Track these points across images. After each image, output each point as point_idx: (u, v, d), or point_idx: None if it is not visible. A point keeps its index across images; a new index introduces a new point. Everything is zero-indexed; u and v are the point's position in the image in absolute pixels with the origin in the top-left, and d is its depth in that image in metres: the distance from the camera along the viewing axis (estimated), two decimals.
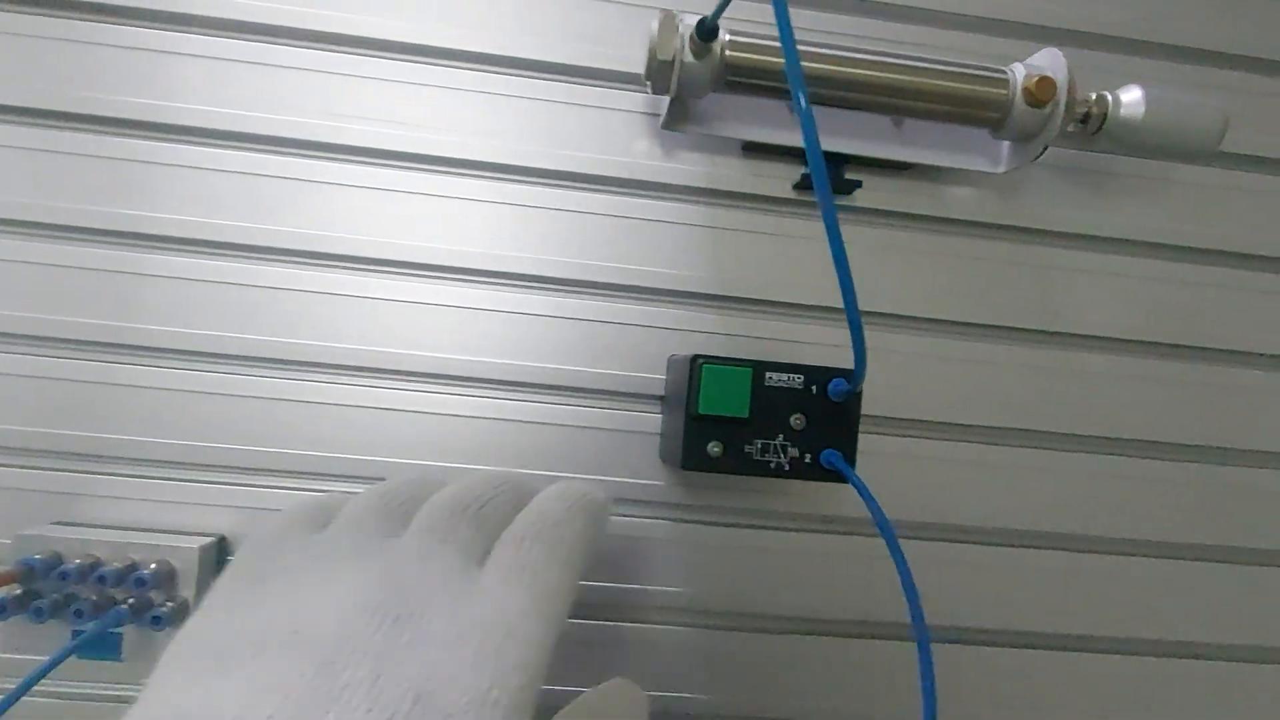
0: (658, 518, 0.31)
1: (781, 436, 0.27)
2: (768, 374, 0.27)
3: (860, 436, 0.28)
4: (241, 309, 0.29)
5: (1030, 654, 0.32)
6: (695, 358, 0.26)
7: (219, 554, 0.29)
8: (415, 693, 0.14)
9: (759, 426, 0.27)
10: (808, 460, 0.27)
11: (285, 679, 0.14)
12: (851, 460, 0.27)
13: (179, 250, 0.29)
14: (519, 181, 0.31)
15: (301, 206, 0.30)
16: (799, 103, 0.18)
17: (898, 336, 0.32)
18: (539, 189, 0.31)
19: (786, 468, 0.27)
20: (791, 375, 0.27)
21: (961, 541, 0.32)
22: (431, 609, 0.16)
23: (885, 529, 0.24)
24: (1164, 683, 0.33)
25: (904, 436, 0.32)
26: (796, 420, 0.27)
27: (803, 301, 0.31)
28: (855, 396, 0.27)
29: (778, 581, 0.31)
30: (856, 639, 0.31)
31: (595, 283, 0.31)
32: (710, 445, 0.26)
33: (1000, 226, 0.32)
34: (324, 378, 0.30)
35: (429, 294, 0.30)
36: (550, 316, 0.31)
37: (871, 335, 0.31)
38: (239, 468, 0.29)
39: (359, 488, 0.30)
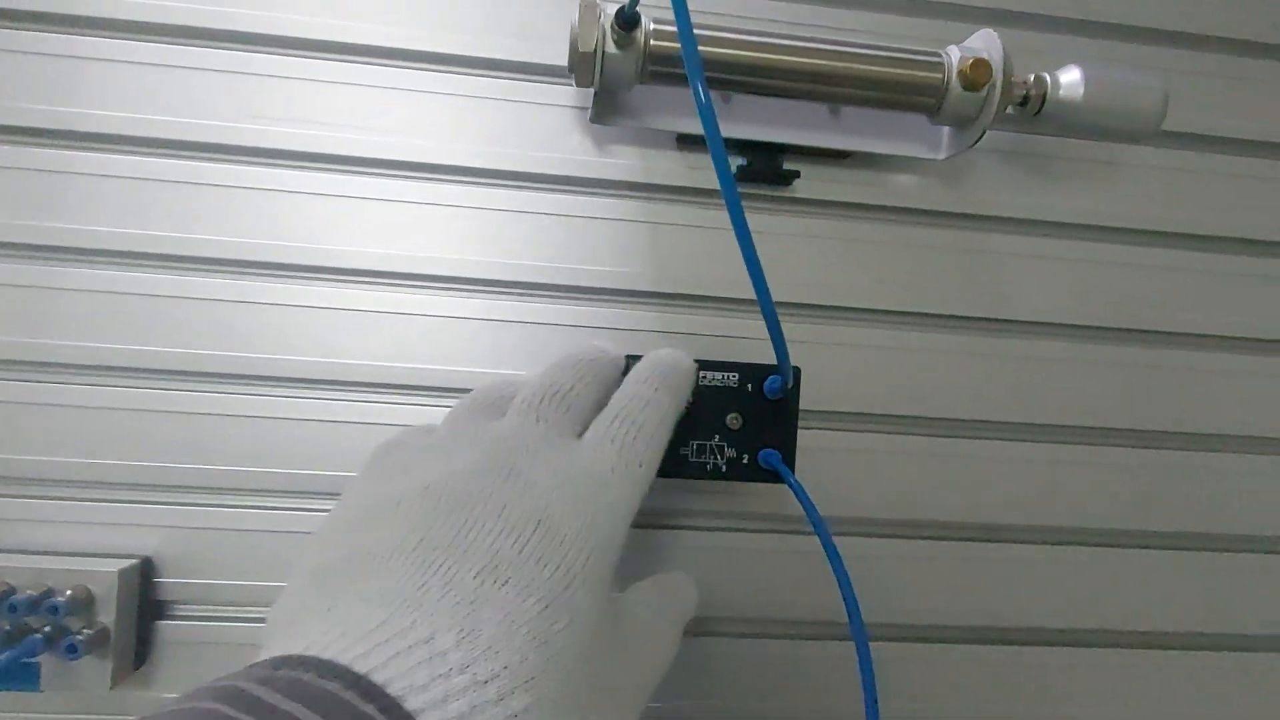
0: None
1: (717, 437, 0.26)
2: (702, 372, 0.26)
3: (803, 433, 0.27)
4: (161, 321, 0.28)
5: (990, 649, 0.31)
6: (627, 358, 0.26)
7: (143, 577, 0.28)
8: (536, 519, 0.17)
9: (694, 427, 0.26)
10: (745, 461, 0.26)
11: (426, 518, 0.17)
12: (791, 458, 0.27)
13: (92, 262, 0.28)
14: (447, 181, 0.30)
15: (221, 213, 0.29)
16: (697, 93, 0.18)
17: (842, 329, 0.31)
18: (467, 188, 0.30)
19: (724, 469, 0.26)
20: (726, 374, 0.26)
21: (915, 537, 0.31)
22: (536, 466, 0.19)
23: (819, 528, 0.24)
24: (1131, 674, 0.32)
25: (850, 431, 0.31)
26: (733, 420, 0.26)
27: (744, 296, 0.31)
28: (793, 393, 0.27)
29: (725, 584, 0.30)
30: (811, 640, 0.31)
31: (530, 283, 0.30)
32: None
33: (944, 213, 0.32)
34: (250, 389, 0.29)
35: (358, 300, 0.29)
36: (484, 319, 0.30)
37: (815, 328, 0.31)
38: (164, 486, 0.28)
39: (294, 504, 0.29)
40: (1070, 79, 0.29)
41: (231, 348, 0.29)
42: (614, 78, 0.27)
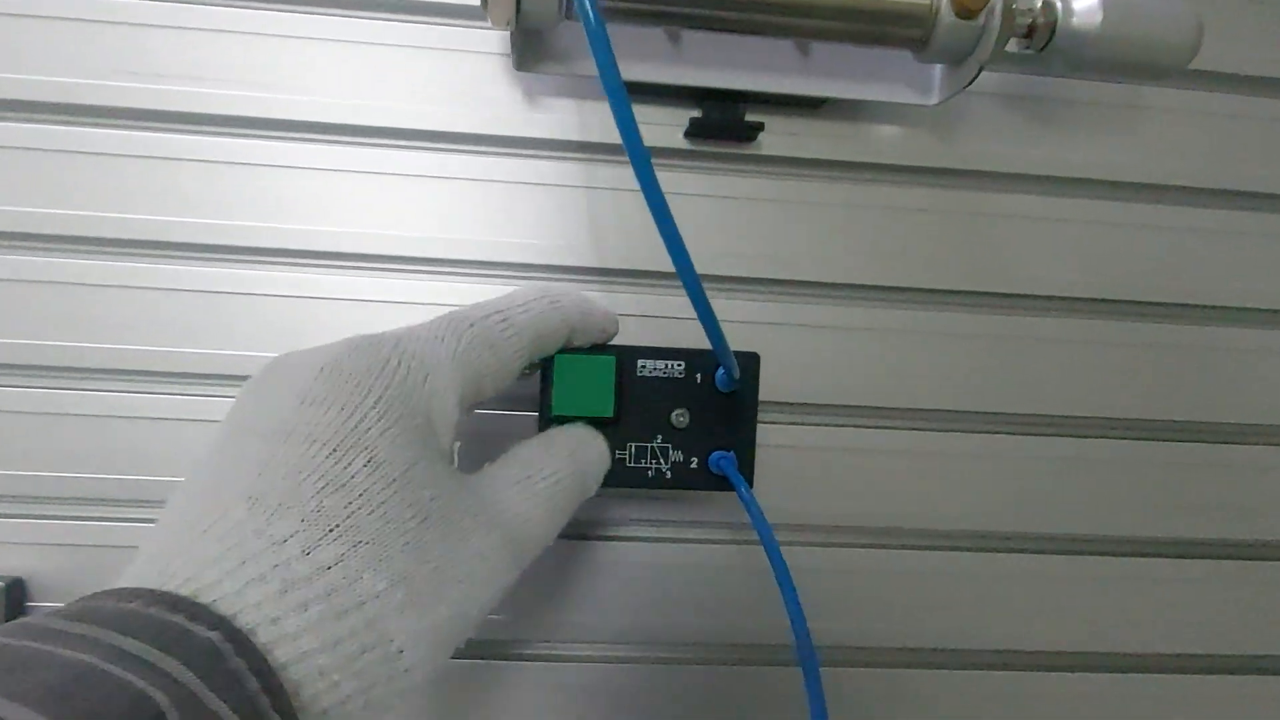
0: None
1: (660, 437, 0.23)
2: (640, 362, 0.23)
3: (763, 428, 0.24)
4: (16, 308, 0.25)
5: (977, 675, 0.28)
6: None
7: (12, 600, 0.24)
8: (319, 367, 0.17)
9: (631, 427, 0.23)
10: (694, 465, 0.23)
11: (233, 411, 0.18)
12: (748, 461, 0.23)
13: None
14: (348, 143, 0.26)
15: (89, 185, 0.25)
16: (584, 8, 0.13)
17: (812, 307, 0.27)
18: (373, 151, 0.26)
19: (668, 476, 0.23)
20: (670, 362, 0.23)
21: (893, 548, 0.28)
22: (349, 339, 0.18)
23: (769, 545, 0.20)
24: (1149, 706, 0.29)
25: (819, 426, 0.27)
26: (679, 417, 0.23)
27: (701, 271, 0.27)
28: (750, 384, 0.23)
29: (678, 603, 0.27)
30: (769, 667, 0.27)
31: (447, 259, 0.26)
32: None
33: (934, 170, 0.28)
34: (128, 385, 0.25)
35: (255, 282, 0.26)
36: (395, 302, 0.26)
37: (781, 307, 0.27)
38: (37, 497, 0.25)
39: None
40: (1084, 5, 0.25)
41: (98, 338, 0.25)
42: (535, 13, 0.23)
